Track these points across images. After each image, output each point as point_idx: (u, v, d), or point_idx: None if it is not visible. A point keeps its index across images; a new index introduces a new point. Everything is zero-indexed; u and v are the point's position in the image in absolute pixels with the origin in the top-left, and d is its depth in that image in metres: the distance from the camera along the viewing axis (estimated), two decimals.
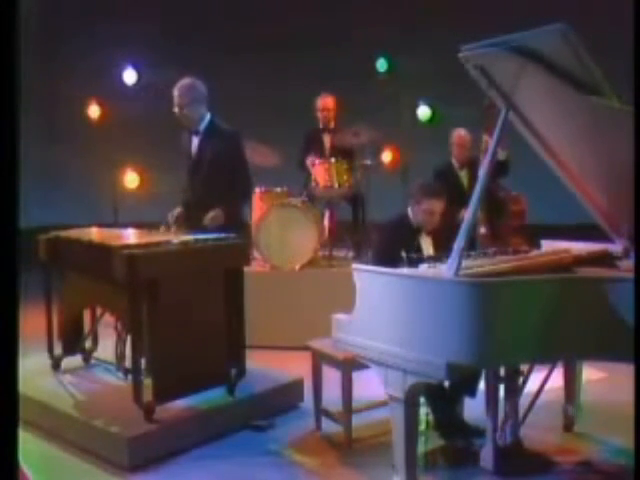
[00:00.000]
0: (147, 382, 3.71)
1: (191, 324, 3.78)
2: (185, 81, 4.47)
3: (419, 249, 3.69)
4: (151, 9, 9.30)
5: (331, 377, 3.87)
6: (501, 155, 5.75)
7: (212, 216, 4.38)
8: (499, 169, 5.84)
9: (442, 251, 3.50)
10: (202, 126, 4.49)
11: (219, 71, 9.06)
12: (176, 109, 4.45)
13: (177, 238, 3.94)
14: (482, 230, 5.74)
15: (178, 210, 4.58)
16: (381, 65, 9.51)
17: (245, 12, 9.24)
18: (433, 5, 8.69)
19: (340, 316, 3.27)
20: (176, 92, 4.44)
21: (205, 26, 9.32)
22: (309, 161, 6.11)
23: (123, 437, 3.54)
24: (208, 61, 9.07)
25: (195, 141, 4.53)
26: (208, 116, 4.51)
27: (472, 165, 5.89)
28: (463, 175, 6.04)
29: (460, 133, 6.06)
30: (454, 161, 6.10)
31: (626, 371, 2.90)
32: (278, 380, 4.34)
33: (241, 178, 4.50)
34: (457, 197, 5.63)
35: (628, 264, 3.24)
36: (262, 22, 9.18)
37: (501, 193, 5.97)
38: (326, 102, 6.40)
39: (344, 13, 8.99)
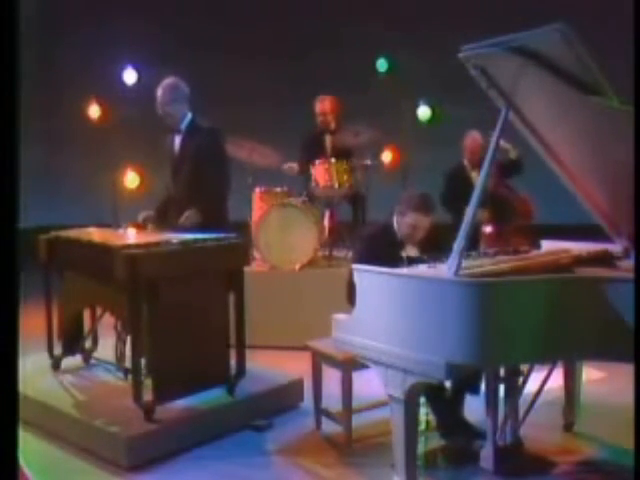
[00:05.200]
0: (147, 382, 3.71)
1: (191, 324, 3.78)
2: (168, 80, 4.61)
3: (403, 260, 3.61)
4: (151, 9, 9.30)
5: (331, 377, 3.87)
6: (512, 154, 5.76)
7: (187, 215, 4.50)
8: (511, 168, 5.86)
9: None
10: (184, 125, 4.62)
11: (219, 71, 9.09)
12: (158, 108, 4.56)
13: (177, 238, 3.94)
14: (488, 230, 5.74)
15: (149, 212, 4.68)
16: (381, 65, 9.52)
17: (245, 12, 9.25)
18: (433, 5, 8.69)
19: (340, 316, 3.27)
20: (159, 91, 4.57)
21: (205, 26, 9.33)
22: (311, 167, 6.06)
23: (123, 437, 3.54)
24: (208, 61, 9.08)
25: (177, 140, 4.64)
26: (189, 115, 4.63)
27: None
28: (474, 176, 6.01)
29: (474, 138, 6.03)
30: (466, 162, 6.09)
31: (626, 371, 2.91)
32: (278, 380, 4.34)
33: (217, 176, 4.57)
34: (469, 197, 5.63)
35: (628, 264, 3.24)
36: (262, 22, 9.19)
37: (506, 192, 5.96)
38: (323, 106, 6.37)
39: (344, 13, 8.99)
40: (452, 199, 5.76)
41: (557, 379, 3.80)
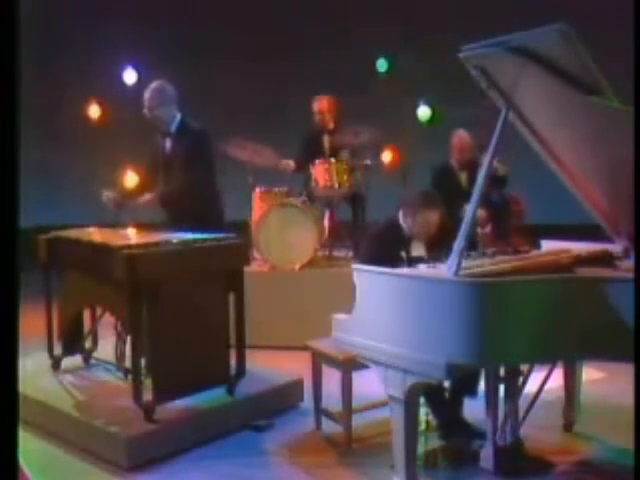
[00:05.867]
0: (147, 382, 3.71)
1: (191, 324, 3.78)
2: (154, 84, 4.61)
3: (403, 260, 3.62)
4: (151, 10, 9.30)
5: (331, 377, 3.87)
6: (501, 170, 5.78)
7: (146, 199, 4.59)
8: (499, 183, 5.89)
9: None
10: (173, 127, 4.61)
11: (219, 72, 9.09)
12: (146, 111, 4.55)
13: (177, 238, 3.95)
14: (486, 230, 5.75)
15: (111, 193, 4.77)
16: (381, 65, 9.52)
17: (245, 12, 9.24)
18: (433, 5, 8.70)
19: (340, 316, 3.27)
20: (146, 95, 4.56)
21: (205, 26, 9.33)
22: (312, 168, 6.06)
23: (123, 437, 3.54)
24: (208, 61, 9.09)
25: (167, 142, 4.64)
26: (178, 117, 4.62)
27: (472, 167, 5.90)
28: (462, 176, 6.04)
29: (460, 137, 6.03)
30: (454, 162, 6.10)
31: (626, 371, 2.91)
32: (278, 380, 4.34)
33: (200, 175, 4.54)
34: (457, 197, 5.65)
35: (628, 264, 3.24)
36: (262, 23, 9.19)
37: (497, 197, 5.99)
38: (321, 105, 6.38)
39: (344, 13, 8.99)
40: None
41: (557, 379, 3.80)
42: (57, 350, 4.54)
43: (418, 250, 3.72)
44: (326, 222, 6.20)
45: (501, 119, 3.04)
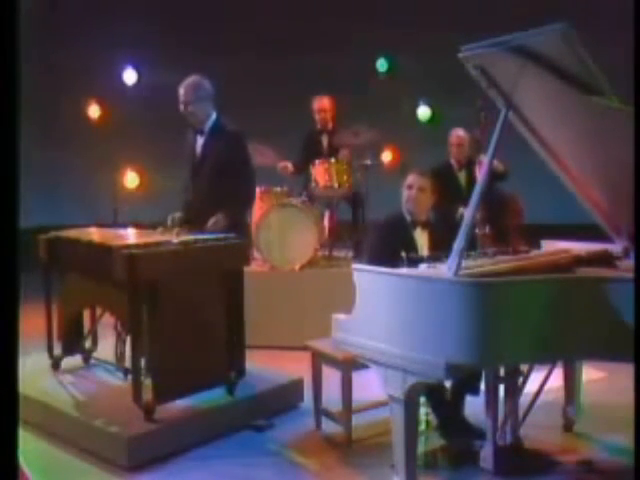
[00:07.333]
0: (147, 382, 3.71)
1: (191, 324, 3.78)
2: (191, 79, 4.42)
3: (414, 245, 3.67)
4: (151, 9, 9.30)
5: (331, 377, 3.87)
6: (500, 168, 5.78)
7: (214, 221, 4.31)
8: (498, 178, 5.88)
9: (437, 246, 3.51)
10: (208, 125, 4.43)
11: (219, 71, 9.06)
12: (181, 107, 4.38)
13: (177, 238, 3.94)
14: (485, 230, 5.75)
15: (179, 214, 4.45)
16: (381, 65, 9.53)
17: (245, 12, 9.24)
18: (433, 5, 8.70)
19: (340, 316, 3.27)
20: (182, 90, 4.38)
21: (205, 26, 9.32)
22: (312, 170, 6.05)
23: (123, 437, 3.54)
24: (208, 61, 9.06)
25: (200, 141, 4.46)
26: (214, 115, 4.45)
27: (471, 165, 5.91)
28: (462, 175, 6.06)
29: (458, 133, 6.07)
30: (453, 161, 6.11)
31: (626, 371, 2.90)
32: (278, 380, 4.34)
33: (243, 182, 4.42)
34: (456, 197, 5.65)
35: (628, 264, 3.24)
36: (262, 22, 9.18)
37: (496, 194, 5.98)
38: (322, 104, 6.40)
39: (344, 13, 8.99)
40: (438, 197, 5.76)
41: (557, 379, 3.80)
42: (57, 350, 4.53)
43: (421, 238, 3.75)
44: (326, 222, 6.21)
45: (501, 119, 3.04)
